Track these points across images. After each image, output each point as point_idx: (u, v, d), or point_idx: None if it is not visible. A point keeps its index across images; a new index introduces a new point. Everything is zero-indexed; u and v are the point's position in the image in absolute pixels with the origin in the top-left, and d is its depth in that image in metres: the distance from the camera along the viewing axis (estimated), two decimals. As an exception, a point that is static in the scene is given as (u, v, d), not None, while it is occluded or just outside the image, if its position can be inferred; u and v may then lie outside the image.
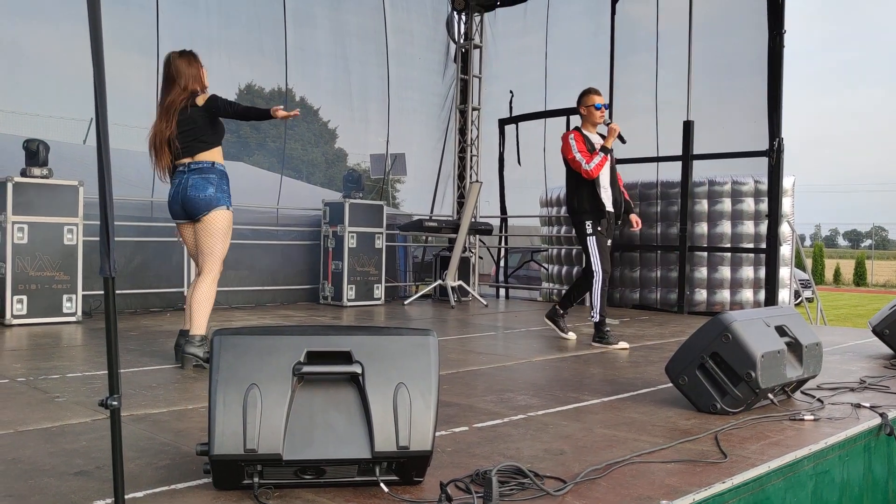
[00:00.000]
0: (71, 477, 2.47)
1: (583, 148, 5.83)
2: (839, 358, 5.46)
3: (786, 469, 2.81)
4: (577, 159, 5.80)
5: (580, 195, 5.89)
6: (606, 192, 5.92)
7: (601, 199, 5.86)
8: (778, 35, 7.98)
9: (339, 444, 2.28)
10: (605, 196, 5.89)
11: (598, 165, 5.78)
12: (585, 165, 5.77)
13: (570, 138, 5.88)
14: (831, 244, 79.43)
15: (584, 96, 6.02)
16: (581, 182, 5.86)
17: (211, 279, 4.54)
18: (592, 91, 6.01)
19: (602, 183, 5.89)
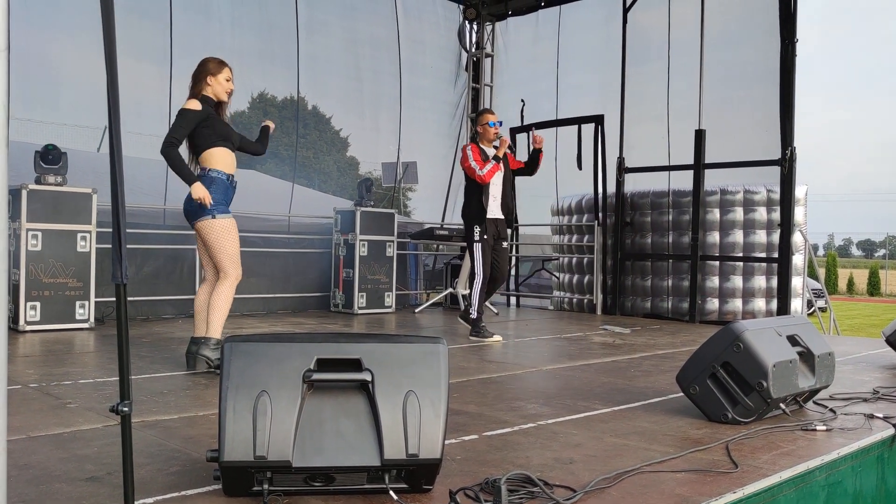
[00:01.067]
0: (82, 483, 2.48)
1: (478, 158, 6.51)
2: (852, 368, 5.42)
3: (798, 479, 2.79)
4: (471, 166, 6.48)
5: (471, 203, 6.57)
6: (496, 202, 6.59)
7: (487, 207, 6.50)
8: (790, 44, 7.96)
9: (348, 452, 2.29)
10: (493, 205, 6.55)
11: (490, 172, 6.45)
12: (479, 171, 6.43)
13: (467, 149, 6.57)
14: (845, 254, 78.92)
15: (479, 115, 6.86)
16: (473, 191, 6.54)
17: (227, 284, 4.56)
18: (486, 111, 6.85)
19: (493, 192, 6.55)
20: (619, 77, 9.47)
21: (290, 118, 9.90)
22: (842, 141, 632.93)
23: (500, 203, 6.63)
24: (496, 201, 6.60)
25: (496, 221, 6.60)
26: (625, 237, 9.52)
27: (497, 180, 6.58)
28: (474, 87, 11.20)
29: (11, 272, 6.28)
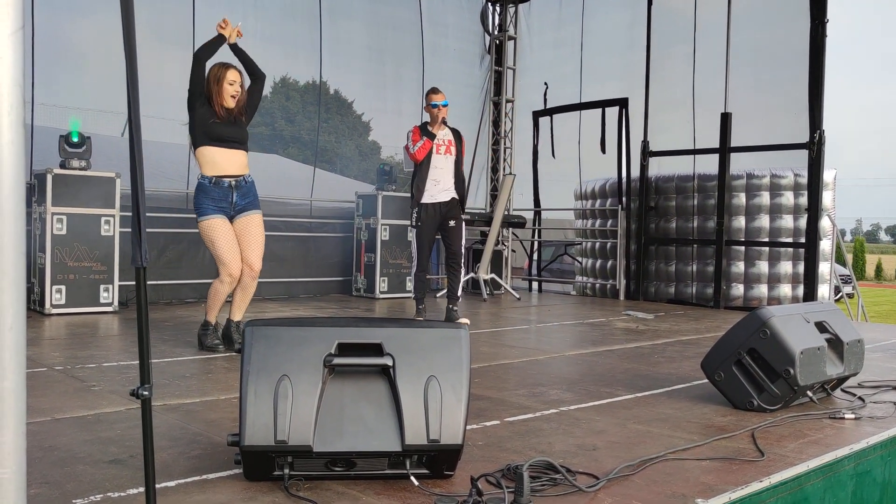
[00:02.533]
0: (105, 465, 2.49)
1: (417, 138, 6.26)
2: (882, 355, 5.33)
3: (825, 469, 2.74)
4: (407, 145, 6.40)
5: (412, 185, 6.35)
6: (438, 185, 6.26)
7: (424, 191, 6.23)
8: (820, 24, 7.80)
9: (369, 437, 2.27)
10: (433, 188, 6.25)
11: (421, 149, 6.19)
12: (411, 149, 6.24)
13: (408, 133, 6.44)
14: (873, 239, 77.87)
15: (426, 97, 6.54)
16: (415, 173, 6.32)
17: (217, 279, 4.74)
18: (431, 91, 6.48)
19: (433, 175, 6.24)
20: (644, 60, 9.35)
21: (313, 103, 9.89)
22: (871, 123, 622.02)
23: (444, 187, 6.31)
24: (437, 185, 6.29)
25: (440, 205, 6.30)
26: (649, 222, 9.43)
27: (441, 163, 6.29)
28: (497, 69, 11.12)
29: (37, 256, 6.34)
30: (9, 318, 1.11)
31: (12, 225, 1.10)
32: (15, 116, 1.09)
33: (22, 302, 1.14)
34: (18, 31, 1.08)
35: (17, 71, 1.09)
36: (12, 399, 1.12)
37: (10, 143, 1.09)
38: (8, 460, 1.10)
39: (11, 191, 1.10)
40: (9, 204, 1.10)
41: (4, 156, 1.08)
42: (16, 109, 1.09)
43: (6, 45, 1.07)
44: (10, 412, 1.12)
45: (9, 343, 1.12)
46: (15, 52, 1.08)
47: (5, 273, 1.11)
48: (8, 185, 1.09)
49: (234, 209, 4.70)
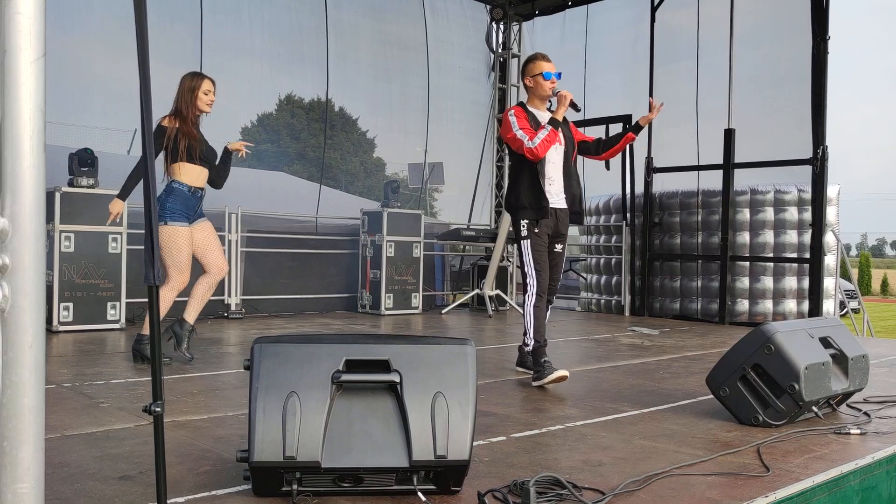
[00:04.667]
0: (115, 481, 2.51)
1: (525, 124, 4.62)
2: (887, 371, 5.33)
3: (831, 484, 2.75)
4: (517, 137, 4.59)
5: (517, 187, 4.73)
6: (554, 185, 4.73)
7: (544, 193, 4.64)
8: (822, 41, 7.86)
9: (376, 453, 2.29)
10: (550, 189, 4.69)
11: (545, 141, 4.55)
12: (528, 143, 4.55)
13: (509, 114, 4.68)
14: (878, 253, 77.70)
15: (528, 64, 4.83)
16: (522, 171, 4.70)
17: (167, 287, 4.83)
18: (539, 57, 4.83)
19: (548, 173, 4.69)
20: (648, 77, 9.40)
21: (318, 120, 9.97)
22: (876, 138, 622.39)
23: (559, 187, 4.77)
24: (553, 185, 4.73)
25: (555, 213, 4.73)
26: (653, 238, 9.45)
27: (554, 156, 4.73)
28: (501, 87, 11.19)
29: (45, 273, 6.39)
30: (29, 336, 1.14)
31: (32, 246, 1.14)
32: (36, 141, 1.12)
33: (41, 321, 1.17)
34: (41, 59, 1.12)
35: (39, 97, 1.13)
36: (32, 416, 1.15)
37: (31, 167, 1.12)
38: (27, 475, 1.13)
39: (32, 213, 1.14)
40: (30, 226, 1.13)
41: (26, 179, 1.12)
42: (38, 134, 1.12)
43: (29, 72, 1.11)
44: (29, 428, 1.15)
45: (29, 361, 1.15)
46: (37, 79, 1.12)
47: (26, 293, 1.14)
48: (29, 208, 1.13)
49: (195, 216, 4.97)
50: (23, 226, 1.12)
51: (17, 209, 1.11)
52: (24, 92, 1.10)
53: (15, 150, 1.10)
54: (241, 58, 8.71)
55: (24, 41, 1.09)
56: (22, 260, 1.13)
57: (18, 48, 1.09)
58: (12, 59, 1.09)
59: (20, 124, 1.10)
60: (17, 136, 1.10)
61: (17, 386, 1.13)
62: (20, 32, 1.09)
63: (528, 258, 4.68)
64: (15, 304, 1.13)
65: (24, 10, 1.09)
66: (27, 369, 1.14)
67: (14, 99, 1.09)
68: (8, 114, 1.08)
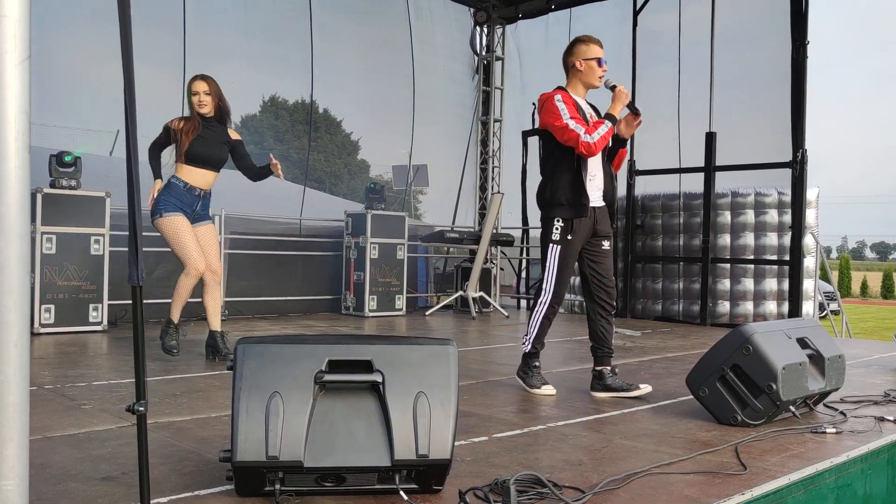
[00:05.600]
0: (98, 482, 2.52)
1: (576, 114, 4.13)
2: (864, 371, 5.40)
3: (807, 482, 2.80)
4: (570, 127, 4.06)
5: (556, 182, 4.23)
6: (595, 182, 4.27)
7: (585, 190, 4.18)
8: (801, 46, 7.95)
9: (359, 452, 2.31)
10: (590, 186, 4.23)
11: (603, 139, 4.10)
12: (586, 137, 4.05)
13: (556, 100, 4.17)
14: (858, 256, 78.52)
15: (580, 45, 4.31)
16: (561, 163, 4.22)
17: (184, 274, 4.96)
18: (594, 40, 4.32)
19: (591, 168, 4.24)
20: (630, 79, 9.47)
21: (302, 122, 9.97)
22: (856, 142, 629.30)
23: (599, 184, 4.30)
24: (594, 181, 4.26)
25: (594, 211, 4.27)
26: (635, 240, 9.51)
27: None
28: (485, 89, 11.23)
29: (30, 273, 6.35)
30: (13, 334, 1.16)
31: (17, 246, 1.15)
32: (21, 143, 1.14)
33: (26, 319, 1.18)
34: (25, 61, 1.13)
35: (23, 100, 1.14)
36: (16, 413, 1.16)
37: (16, 168, 1.14)
38: (11, 473, 1.14)
39: (17, 213, 1.15)
40: (15, 226, 1.15)
41: (11, 180, 1.13)
42: (22, 136, 1.14)
43: (13, 74, 1.12)
44: (13, 426, 1.16)
45: (13, 359, 1.16)
46: (22, 81, 1.14)
47: (10, 292, 1.16)
48: (14, 208, 1.14)
49: (194, 217, 5.03)
50: (8, 226, 1.14)
51: (3, 210, 1.13)
52: (9, 94, 1.12)
53: (1, 151, 1.12)
54: (225, 60, 8.70)
55: (10, 44, 1.11)
56: (7, 260, 1.14)
57: (4, 51, 1.11)
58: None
59: (5, 126, 1.12)
60: (2, 137, 1.11)
61: (2, 384, 1.14)
62: (6, 35, 1.11)
63: (552, 265, 4.27)
64: (1, 303, 1.15)
65: (10, 13, 1.11)
66: (12, 367, 1.15)
67: (0, 101, 1.11)
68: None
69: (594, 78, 4.28)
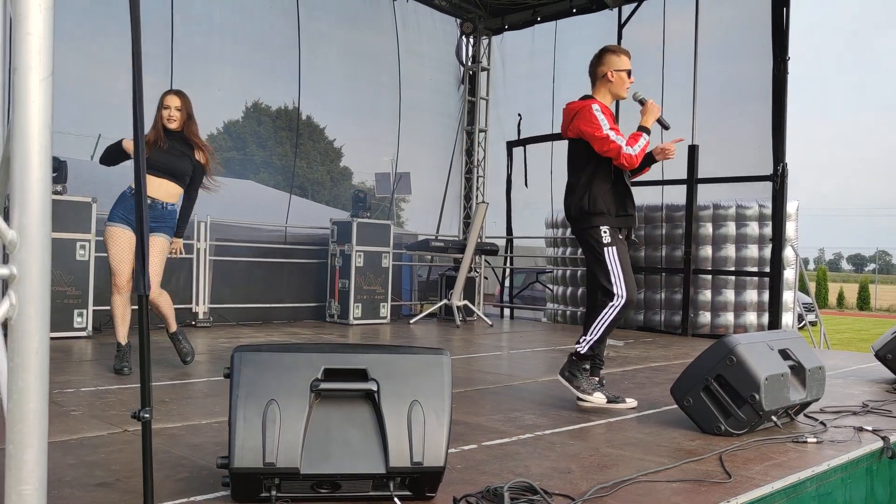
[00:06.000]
0: (93, 488, 2.53)
1: (615, 125, 4.14)
2: (842, 382, 5.50)
3: (789, 490, 2.86)
4: (611, 138, 4.05)
5: (595, 190, 4.16)
6: (629, 192, 4.27)
7: (631, 196, 4.22)
8: (782, 62, 8.10)
9: (354, 459, 2.35)
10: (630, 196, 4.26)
11: (643, 151, 4.13)
12: (627, 149, 4.05)
13: (594, 109, 4.12)
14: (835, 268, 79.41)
15: (611, 56, 4.25)
16: (598, 171, 4.17)
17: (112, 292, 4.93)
18: (621, 50, 4.28)
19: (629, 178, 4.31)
20: (614, 92, 9.57)
21: (284, 128, 9.99)
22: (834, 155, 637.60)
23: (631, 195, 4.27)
24: (629, 191, 4.25)
25: (630, 221, 4.27)
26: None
27: None
28: (470, 100, 11.31)
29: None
30: (34, 343, 1.19)
31: (39, 256, 1.19)
32: (44, 156, 1.17)
33: (46, 329, 1.22)
34: (49, 78, 1.17)
35: (46, 114, 1.18)
36: (36, 420, 1.20)
37: (39, 181, 1.17)
38: (31, 477, 1.17)
39: (39, 225, 1.18)
40: (37, 237, 1.18)
41: (34, 192, 1.17)
42: (45, 150, 1.17)
43: (37, 90, 1.16)
44: (33, 432, 1.19)
45: (33, 367, 1.19)
46: (45, 96, 1.17)
47: (32, 301, 1.19)
48: (36, 220, 1.18)
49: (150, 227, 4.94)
50: (31, 237, 1.17)
51: (25, 221, 1.16)
52: (33, 109, 1.15)
53: (24, 164, 1.15)
54: (212, 65, 8.71)
55: (34, 60, 1.14)
56: (29, 270, 1.18)
57: (28, 67, 1.14)
58: (22, 77, 1.14)
59: (29, 140, 1.15)
60: (26, 151, 1.15)
61: (22, 391, 1.17)
62: (30, 52, 1.14)
63: (614, 267, 4.11)
64: (22, 311, 1.18)
65: (35, 31, 1.14)
66: (32, 375, 1.19)
67: (24, 116, 1.14)
68: (17, 130, 1.13)
69: (623, 89, 4.26)
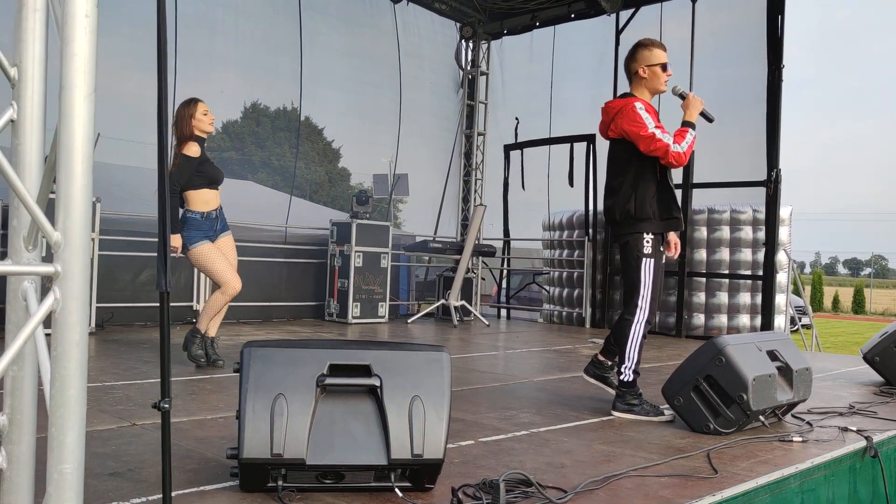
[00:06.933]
0: (106, 478, 2.65)
1: (659, 123, 4.00)
2: (831, 384, 5.63)
3: (773, 486, 2.98)
4: (657, 136, 3.92)
5: (641, 194, 4.02)
6: (673, 195, 4.14)
7: (676, 200, 4.09)
8: (777, 69, 8.22)
9: (357, 451, 2.47)
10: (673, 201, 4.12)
11: (691, 147, 4.00)
12: (675, 146, 3.92)
13: (637, 108, 4.00)
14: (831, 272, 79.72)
15: (643, 51, 4.12)
16: (643, 173, 4.03)
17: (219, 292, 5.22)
18: (657, 44, 4.13)
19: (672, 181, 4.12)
20: (612, 96, 9.71)
21: (283, 129, 10.10)
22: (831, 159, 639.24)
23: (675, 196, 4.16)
24: (673, 193, 4.13)
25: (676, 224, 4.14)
26: (614, 253, 9.73)
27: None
28: (469, 103, 11.44)
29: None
30: (76, 335, 1.31)
31: (81, 256, 1.30)
32: (86, 166, 1.29)
33: (86, 322, 1.33)
34: (91, 94, 1.28)
35: (89, 128, 1.29)
36: (76, 405, 1.31)
37: (81, 188, 1.29)
38: (71, 457, 1.29)
39: (81, 228, 1.30)
40: (79, 239, 1.30)
41: (77, 198, 1.28)
42: (87, 160, 1.29)
43: (81, 106, 1.27)
44: (74, 416, 1.31)
45: (74, 356, 1.31)
46: (88, 112, 1.29)
47: (74, 297, 1.30)
48: (79, 223, 1.29)
49: (216, 234, 5.23)
50: (73, 238, 1.29)
51: (69, 224, 1.28)
52: (77, 123, 1.27)
53: (69, 173, 1.27)
54: (214, 67, 8.83)
55: (79, 79, 1.26)
56: (72, 268, 1.29)
57: (74, 85, 1.26)
58: (68, 94, 1.25)
59: (73, 152, 1.27)
60: (70, 161, 1.26)
61: (64, 379, 1.29)
62: (76, 71, 1.26)
63: (646, 280, 4.04)
64: (65, 306, 1.30)
65: (79, 51, 1.26)
66: (73, 363, 1.30)
67: (69, 129, 1.26)
68: (63, 142, 1.25)
69: (661, 83, 4.11)
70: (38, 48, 1.32)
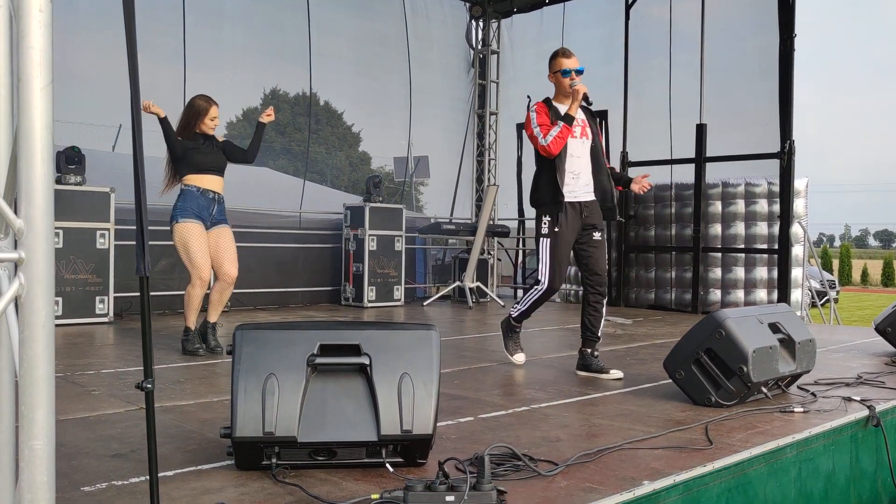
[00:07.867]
0: (109, 458, 2.73)
1: (545, 121, 4.61)
2: (842, 355, 5.60)
3: (768, 455, 3.00)
4: (534, 134, 4.62)
5: (538, 183, 4.79)
6: (581, 179, 4.71)
7: (561, 188, 4.63)
8: (788, 39, 8.12)
9: (348, 428, 2.52)
10: (574, 183, 4.68)
11: (557, 138, 4.55)
12: (541, 140, 4.58)
13: (530, 110, 4.71)
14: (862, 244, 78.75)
15: (551, 60, 4.82)
16: (542, 165, 4.75)
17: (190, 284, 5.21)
18: (560, 53, 4.79)
19: (572, 168, 4.67)
20: (623, 73, 9.65)
21: (303, 114, 10.15)
22: (859, 129, 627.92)
23: (587, 181, 4.74)
24: (580, 178, 4.71)
25: (580, 206, 4.70)
26: (629, 230, 9.71)
27: (579, 150, 4.70)
28: (480, 83, 11.41)
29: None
30: (42, 317, 1.36)
31: (43, 242, 1.36)
32: (46, 154, 1.34)
33: (51, 305, 1.39)
34: (49, 86, 1.33)
35: (47, 117, 1.34)
36: (44, 384, 1.37)
37: (42, 176, 1.34)
38: (41, 434, 1.35)
39: (43, 214, 1.35)
40: (42, 225, 1.35)
41: (38, 186, 1.33)
42: (47, 148, 1.34)
43: (38, 97, 1.32)
44: (42, 395, 1.37)
45: (41, 338, 1.37)
46: (46, 102, 1.33)
47: (39, 282, 1.36)
48: (41, 210, 1.34)
49: (212, 221, 5.22)
50: (36, 225, 1.34)
51: (31, 211, 1.33)
52: (35, 114, 1.31)
53: (29, 162, 1.32)
54: (224, 55, 8.89)
55: (36, 71, 1.31)
56: (35, 254, 1.35)
57: (31, 77, 1.30)
58: (26, 86, 1.30)
59: (33, 141, 1.31)
60: (30, 150, 1.31)
61: (31, 359, 1.35)
62: (32, 64, 1.30)
63: (544, 257, 4.72)
64: (30, 290, 1.35)
65: (35, 44, 1.30)
66: (40, 345, 1.36)
67: (28, 120, 1.31)
68: (23, 132, 1.29)
69: (564, 86, 4.72)
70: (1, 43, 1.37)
